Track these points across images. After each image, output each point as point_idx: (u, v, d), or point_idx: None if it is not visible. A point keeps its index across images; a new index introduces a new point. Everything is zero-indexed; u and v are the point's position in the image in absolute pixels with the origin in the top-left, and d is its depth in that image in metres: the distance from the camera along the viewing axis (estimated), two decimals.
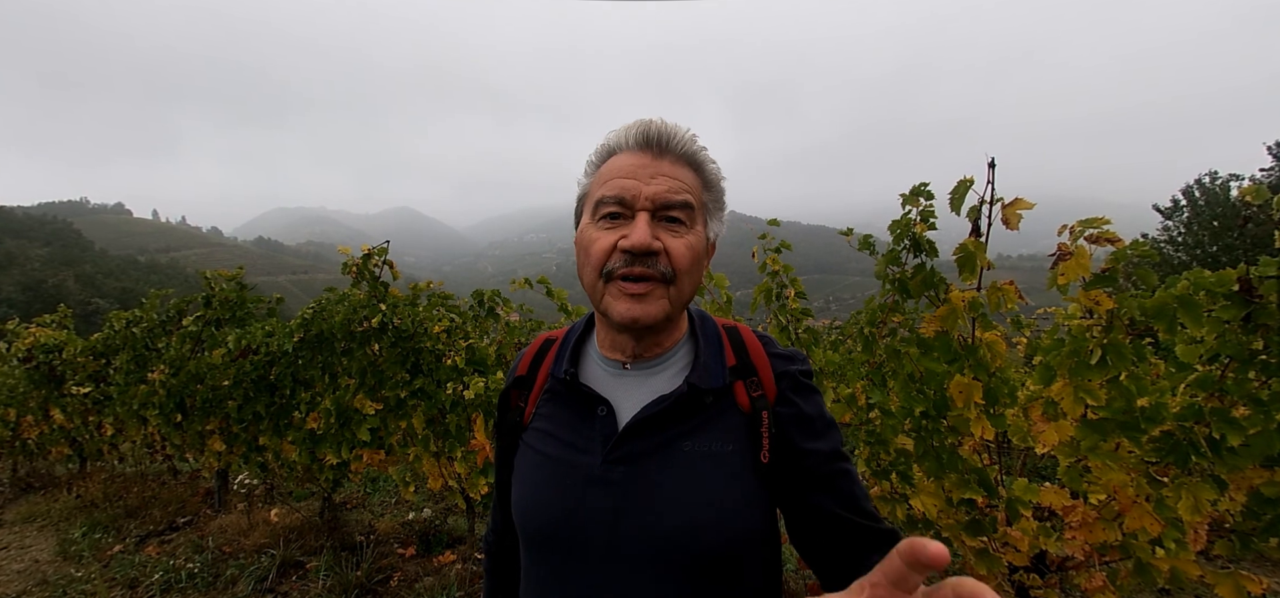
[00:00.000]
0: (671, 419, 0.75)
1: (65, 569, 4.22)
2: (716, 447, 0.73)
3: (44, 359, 6.22)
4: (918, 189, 1.76)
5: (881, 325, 1.96)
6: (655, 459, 0.73)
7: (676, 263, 0.73)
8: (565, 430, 0.80)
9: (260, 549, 3.84)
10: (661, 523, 0.71)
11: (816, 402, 0.81)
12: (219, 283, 4.52)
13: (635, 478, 0.73)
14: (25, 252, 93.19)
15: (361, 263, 3.47)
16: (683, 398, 0.74)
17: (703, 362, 0.77)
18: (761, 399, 0.76)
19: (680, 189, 0.74)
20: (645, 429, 0.75)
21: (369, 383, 3.40)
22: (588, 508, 0.74)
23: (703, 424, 0.74)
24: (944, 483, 1.94)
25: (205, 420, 4.31)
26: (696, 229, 0.75)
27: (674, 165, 0.75)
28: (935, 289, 1.78)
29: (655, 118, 0.76)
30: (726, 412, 0.75)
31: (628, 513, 0.72)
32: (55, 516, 5.65)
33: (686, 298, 0.76)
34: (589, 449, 0.77)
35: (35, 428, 6.76)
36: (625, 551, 0.72)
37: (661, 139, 0.75)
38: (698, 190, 0.77)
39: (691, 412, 0.75)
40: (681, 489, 0.72)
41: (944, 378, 1.84)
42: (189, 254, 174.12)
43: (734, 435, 0.74)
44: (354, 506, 5.03)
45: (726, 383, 0.76)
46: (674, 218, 0.74)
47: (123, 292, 75.81)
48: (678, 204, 0.73)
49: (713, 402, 0.75)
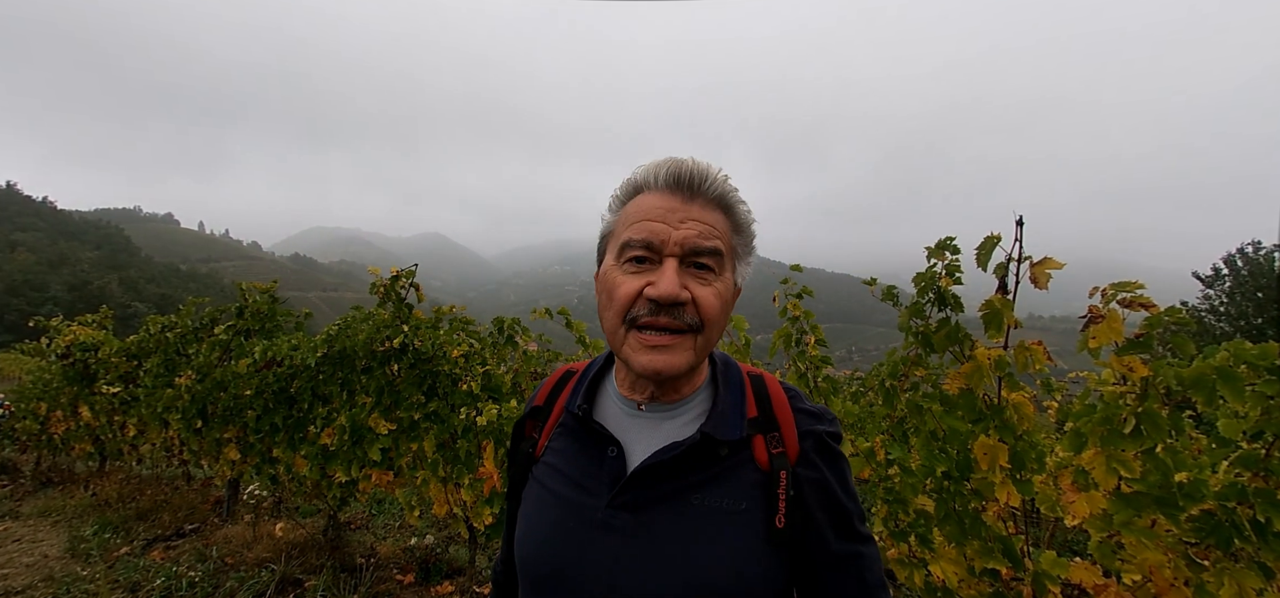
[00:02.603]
0: (682, 469, 0.71)
1: (72, 568, 4.26)
2: (728, 503, 0.69)
3: (80, 357, 6.44)
4: (943, 242, 1.73)
5: (903, 379, 1.91)
6: (662, 509, 0.70)
7: (705, 313, 0.70)
8: (574, 468, 0.78)
9: (262, 563, 3.83)
10: (660, 579, 0.67)
11: (842, 469, 0.75)
12: (252, 294, 4.66)
13: (639, 527, 0.70)
14: (76, 253, 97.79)
15: (389, 284, 3.54)
16: (695, 447, 0.70)
17: (721, 410, 0.73)
18: (781, 458, 0.70)
19: (711, 234, 0.70)
20: (653, 476, 0.71)
21: (385, 402, 3.42)
22: (587, 554, 0.71)
23: (715, 478, 0.70)
24: (966, 550, 1.84)
25: (224, 428, 4.38)
26: (725, 276, 0.72)
27: (704, 208, 0.71)
28: (960, 345, 1.74)
29: (687, 157, 0.72)
30: (742, 467, 0.71)
31: (627, 564, 0.69)
32: (70, 512, 5.75)
33: (712, 344, 0.74)
34: (596, 491, 0.74)
35: (63, 424, 6.95)
36: None
37: (693, 181, 0.71)
38: (727, 235, 0.73)
39: (704, 463, 0.71)
40: (685, 546, 0.67)
41: (968, 437, 1.77)
42: (228, 266, 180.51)
43: (748, 493, 0.70)
44: (358, 526, 5.00)
45: (744, 436, 0.72)
46: (703, 264, 0.70)
47: (162, 298, 78.65)
48: (708, 251, 0.70)
49: (728, 454, 0.71)
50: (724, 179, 0.73)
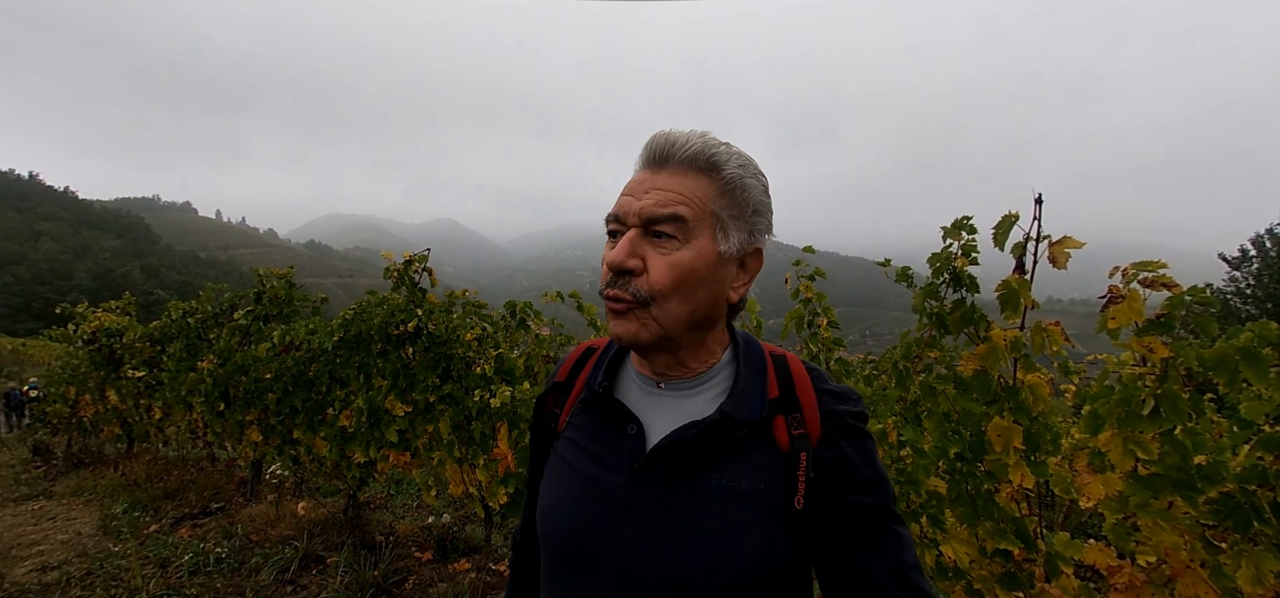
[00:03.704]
0: (700, 448, 0.71)
1: (104, 544, 4.41)
2: (746, 484, 0.69)
3: (106, 342, 6.60)
4: (960, 222, 1.71)
5: (917, 360, 1.90)
6: (680, 488, 0.70)
7: (652, 282, 0.69)
8: (594, 444, 0.79)
9: (285, 540, 3.94)
10: (677, 556, 0.67)
11: (867, 449, 0.73)
12: (270, 280, 4.73)
13: (656, 504, 0.70)
14: (99, 242, 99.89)
15: (403, 268, 3.58)
16: (714, 426, 0.70)
17: (741, 389, 0.72)
18: (803, 439, 0.69)
19: (671, 201, 0.69)
20: (672, 454, 0.71)
21: (400, 385, 3.48)
22: (606, 529, 0.72)
23: (734, 457, 0.70)
24: (978, 531, 1.84)
25: (246, 411, 4.48)
26: (694, 242, 0.69)
27: (674, 175, 0.70)
28: (975, 326, 1.72)
29: (667, 129, 0.72)
30: (762, 447, 0.70)
31: (644, 540, 0.70)
32: (100, 491, 5.94)
33: (680, 318, 0.70)
34: (615, 468, 0.74)
35: (92, 407, 7.15)
36: (638, 578, 0.69)
37: (663, 151, 0.72)
38: (706, 199, 0.70)
39: (723, 442, 0.70)
40: (701, 524, 0.68)
41: (982, 419, 1.76)
42: (245, 253, 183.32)
43: (767, 474, 0.69)
44: (377, 506, 5.11)
45: (764, 415, 0.71)
46: (660, 232, 0.69)
47: (182, 284, 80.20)
48: (664, 217, 0.68)
49: (747, 435, 0.70)
50: (704, 141, 0.71)
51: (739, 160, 0.72)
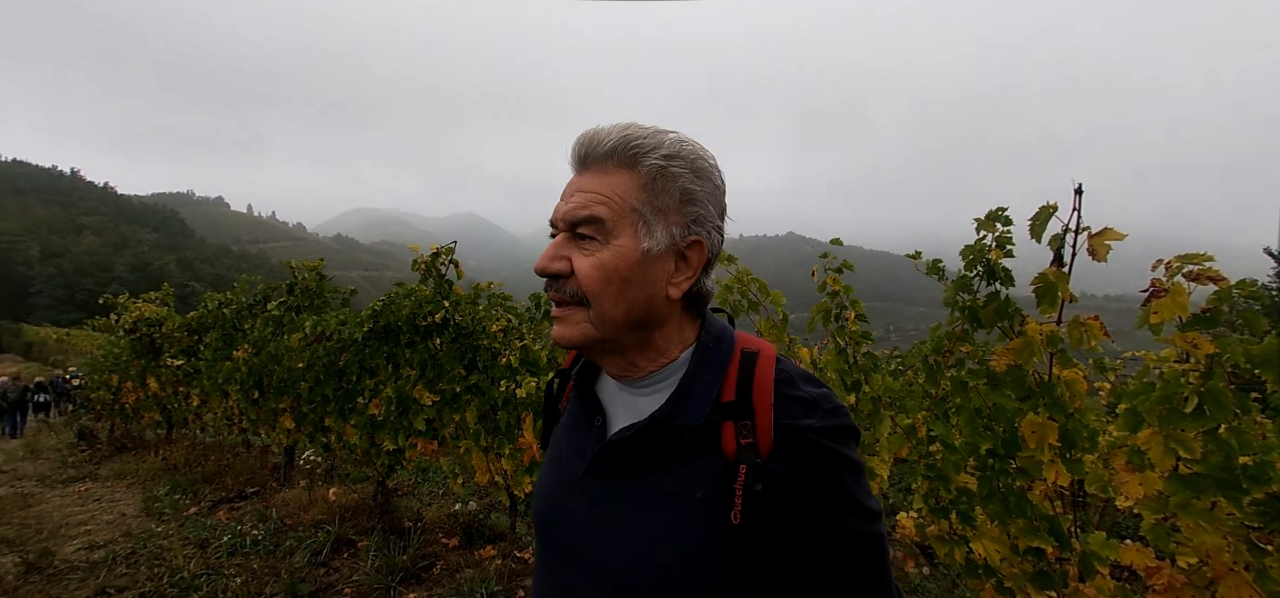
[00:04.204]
0: (644, 448, 0.69)
1: (146, 525, 4.60)
2: (687, 488, 0.65)
3: (146, 332, 6.85)
4: (994, 214, 1.68)
5: (947, 355, 1.88)
6: (627, 483, 0.69)
7: (582, 284, 0.67)
8: (575, 431, 0.80)
9: (318, 524, 4.06)
10: (613, 550, 0.67)
11: (831, 468, 0.63)
12: (302, 272, 4.86)
13: (607, 497, 0.71)
14: (137, 236, 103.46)
15: (430, 261, 3.65)
16: (653, 428, 0.68)
17: (684, 391, 0.69)
18: (749, 449, 0.63)
19: (590, 202, 0.68)
20: (620, 452, 0.71)
21: (428, 375, 3.55)
22: (565, 515, 0.74)
23: (679, 460, 0.67)
24: (1009, 528, 1.81)
25: (279, 399, 4.62)
26: (616, 242, 0.67)
27: (595, 175, 0.69)
28: (1010, 320, 1.69)
29: (591, 127, 0.71)
30: (707, 453, 0.66)
31: (590, 529, 0.71)
32: (142, 475, 6.19)
33: (614, 319, 0.68)
34: (582, 456, 0.75)
35: (133, 394, 7.44)
36: (584, 566, 0.70)
37: (584, 149, 0.70)
38: (625, 195, 0.67)
39: (667, 444, 0.68)
40: (640, 522, 0.67)
41: (1015, 415, 1.73)
42: (275, 246, 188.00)
43: (709, 482, 0.64)
44: (404, 493, 5.23)
45: (706, 420, 0.66)
46: (581, 234, 0.68)
47: (216, 276, 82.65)
48: (583, 219, 0.68)
49: (691, 438, 0.66)
50: (622, 136, 0.68)
51: (665, 150, 0.68)
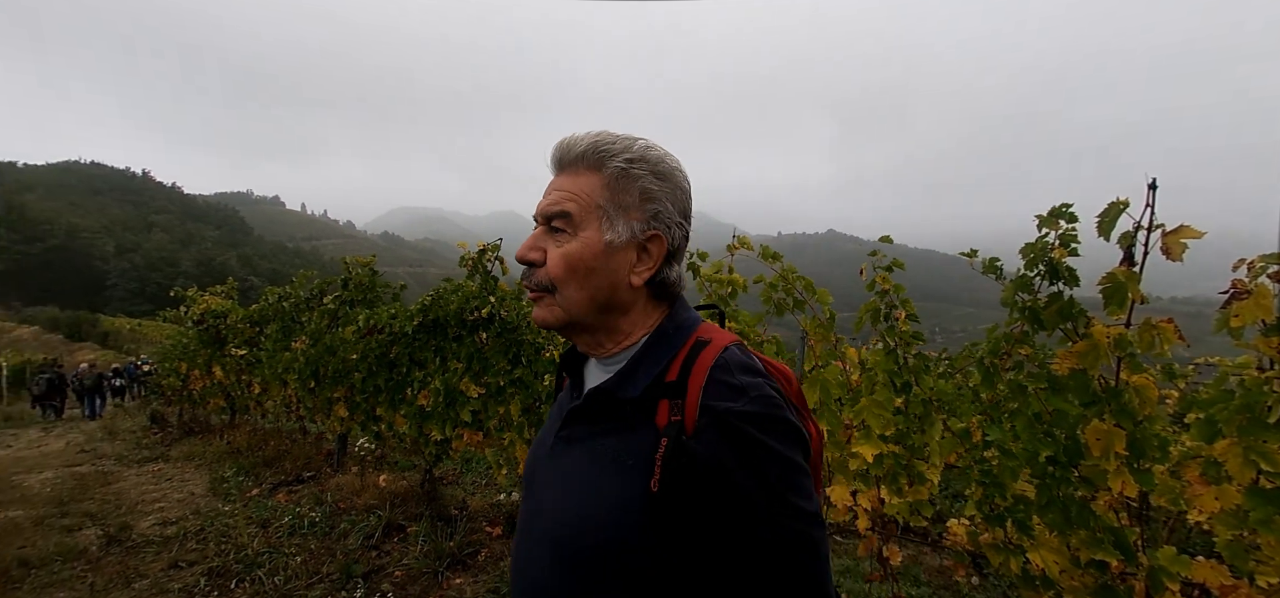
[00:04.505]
0: (596, 415, 0.77)
1: (214, 504, 4.90)
2: (623, 455, 0.72)
3: (212, 323, 7.28)
4: (1058, 210, 1.61)
5: (1005, 357, 1.81)
6: (582, 447, 0.77)
7: (550, 271, 0.77)
8: (562, 400, 0.90)
9: (369, 509, 4.24)
10: (563, 505, 0.75)
11: (755, 461, 0.66)
12: (355, 268, 5.07)
13: (566, 457, 0.78)
14: (201, 233, 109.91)
15: (477, 257, 3.75)
16: (599, 398, 0.77)
17: (629, 370, 0.77)
18: (676, 426, 0.68)
19: (562, 199, 0.77)
20: (577, 417, 0.79)
21: (474, 368, 3.65)
22: (539, 472, 0.83)
23: (623, 428, 0.74)
24: (1070, 540, 1.74)
25: (334, 388, 4.84)
26: (582, 234, 0.76)
27: (569, 176, 0.79)
28: (1074, 322, 1.62)
29: (568, 135, 0.80)
30: (644, 426, 0.72)
31: (551, 486, 0.79)
32: (209, 457, 6.58)
33: (579, 304, 0.77)
34: (558, 422, 0.84)
35: (200, 381, 7.91)
36: (542, 518, 0.78)
37: (560, 154, 0.80)
38: (592, 193, 0.76)
39: (615, 415, 0.75)
40: (582, 480, 0.74)
41: (1077, 422, 1.66)
42: (326, 243, 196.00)
43: (640, 451, 0.70)
44: (449, 481, 5.40)
45: (644, 396, 0.73)
46: (555, 228, 0.78)
47: (273, 271, 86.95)
48: (555, 214, 0.77)
49: (633, 410, 0.73)
50: (591, 143, 0.77)
51: (629, 155, 0.77)
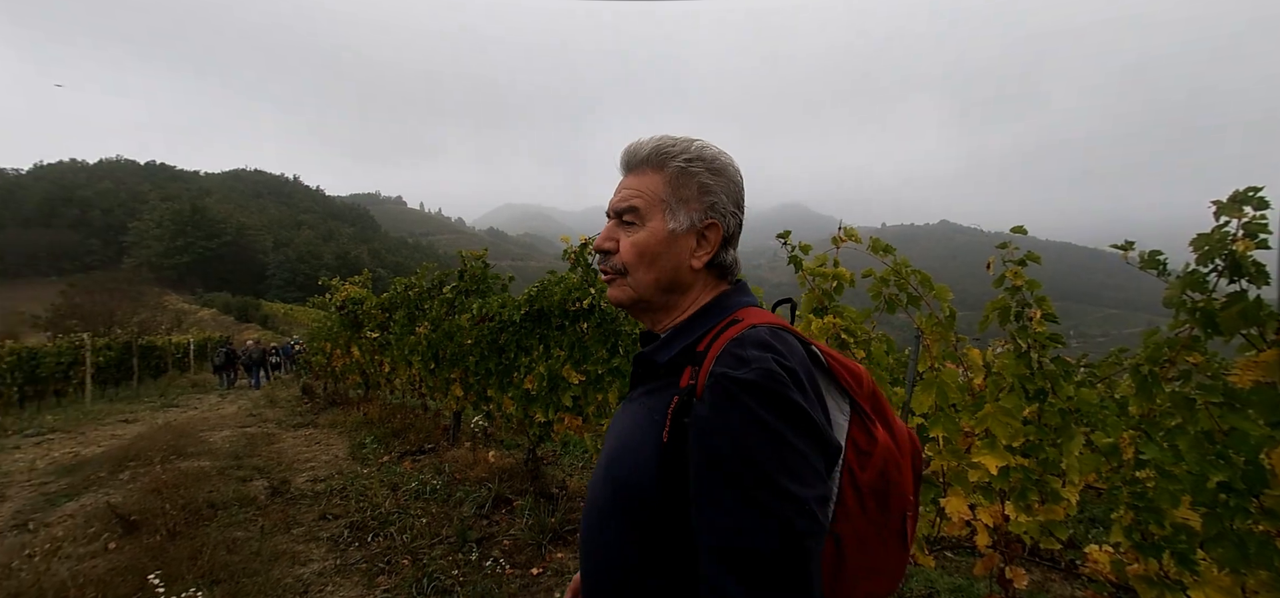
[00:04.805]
0: (643, 377, 0.90)
1: (353, 466, 5.55)
2: (654, 410, 0.82)
3: (351, 309, 8.20)
4: (1242, 195, 1.38)
5: (1167, 365, 1.59)
6: (636, 403, 0.88)
7: (623, 257, 0.89)
8: None
9: (481, 482, 4.58)
10: (612, 446, 0.87)
11: (725, 409, 0.72)
12: (470, 261, 5.48)
13: (624, 413, 0.90)
14: (339, 230, 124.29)
15: (578, 251, 3.91)
16: (640, 363, 0.90)
17: (672, 339, 0.87)
18: (689, 389, 0.77)
19: (630, 196, 0.89)
20: (636, 380, 0.92)
21: (575, 356, 3.82)
22: (612, 426, 0.93)
23: (660, 390, 0.85)
24: (1247, 581, 1.50)
25: (451, 370, 5.28)
26: (649, 224, 0.87)
27: (635, 175, 0.90)
28: (1260, 326, 1.38)
29: (634, 140, 0.91)
30: (672, 387, 0.82)
31: (612, 434, 0.90)
32: (348, 426, 7.45)
33: (647, 285, 0.88)
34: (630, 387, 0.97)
35: (340, 360, 8.95)
36: (603, 459, 0.89)
37: (627, 158, 0.92)
38: (656, 190, 0.88)
39: (650, 376, 0.88)
40: (627, 427, 0.86)
41: (1261, 444, 1.42)
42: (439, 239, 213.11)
43: (663, 408, 0.80)
44: (550, 462, 5.69)
45: (670, 361, 0.85)
46: (625, 220, 0.89)
47: (397, 264, 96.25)
48: (625, 208, 0.89)
49: (665, 374, 0.85)
50: (655, 146, 0.89)
51: (686, 155, 0.88)
